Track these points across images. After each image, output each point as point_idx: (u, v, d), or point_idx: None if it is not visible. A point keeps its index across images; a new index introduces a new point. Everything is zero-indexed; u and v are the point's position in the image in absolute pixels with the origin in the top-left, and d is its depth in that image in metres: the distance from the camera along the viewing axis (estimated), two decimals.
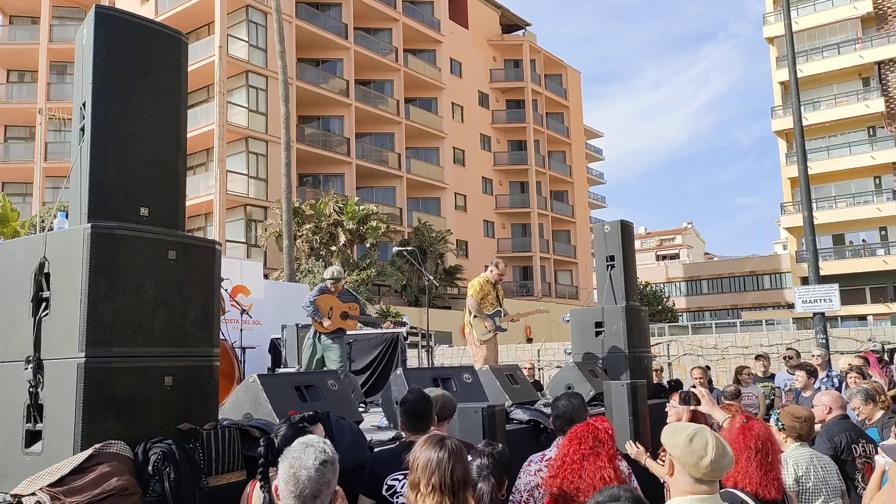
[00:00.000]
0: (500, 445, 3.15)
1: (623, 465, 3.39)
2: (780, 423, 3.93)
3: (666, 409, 4.99)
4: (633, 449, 4.32)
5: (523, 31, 48.30)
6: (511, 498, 3.43)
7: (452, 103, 40.77)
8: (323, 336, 7.58)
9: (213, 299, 3.58)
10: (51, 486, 2.70)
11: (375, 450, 3.84)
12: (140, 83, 3.48)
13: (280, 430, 2.94)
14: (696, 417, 4.71)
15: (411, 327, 10.63)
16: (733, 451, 3.00)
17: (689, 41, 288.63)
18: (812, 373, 7.73)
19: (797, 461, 3.78)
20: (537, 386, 10.35)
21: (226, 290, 7.71)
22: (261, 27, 31.74)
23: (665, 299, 47.41)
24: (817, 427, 5.13)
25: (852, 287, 35.67)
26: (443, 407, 3.83)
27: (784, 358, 9.39)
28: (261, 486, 2.82)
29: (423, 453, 2.51)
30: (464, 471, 2.49)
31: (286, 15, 29.38)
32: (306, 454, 2.22)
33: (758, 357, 9.78)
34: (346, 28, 35.30)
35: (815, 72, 37.88)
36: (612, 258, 8.07)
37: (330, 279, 7.76)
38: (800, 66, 35.60)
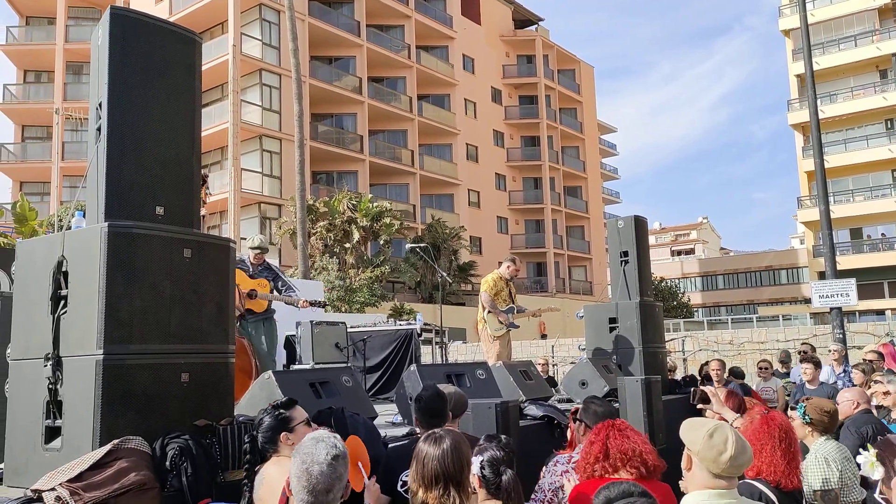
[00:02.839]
0: (505, 437, 3.17)
1: None
2: (807, 417, 3.90)
3: (705, 414, 4.93)
4: None
5: (536, 26, 48.12)
6: (533, 496, 3.42)
7: (465, 100, 40.72)
8: (244, 320, 6.75)
9: (228, 297, 3.61)
10: (70, 481, 2.74)
11: (389, 445, 3.87)
12: (155, 83, 3.51)
13: (261, 424, 2.95)
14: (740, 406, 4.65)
15: (425, 324, 10.65)
16: (757, 441, 3.00)
17: (703, 35, 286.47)
18: (817, 365, 7.71)
19: (834, 457, 3.76)
20: (551, 382, 10.33)
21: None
22: (274, 25, 31.86)
23: (680, 295, 47.15)
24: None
25: (870, 281, 35.30)
26: (455, 404, 3.86)
27: (799, 353, 9.35)
28: (244, 485, 2.84)
29: (417, 448, 2.60)
30: (440, 465, 2.52)
31: (299, 13, 29.46)
32: (318, 449, 2.24)
33: (783, 355, 9.84)
34: (359, 25, 35.34)
35: (831, 64, 37.50)
36: (625, 254, 8.04)
37: (255, 248, 6.84)
38: (816, 59, 35.20)
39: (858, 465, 3.64)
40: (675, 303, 44.00)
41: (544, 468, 3.57)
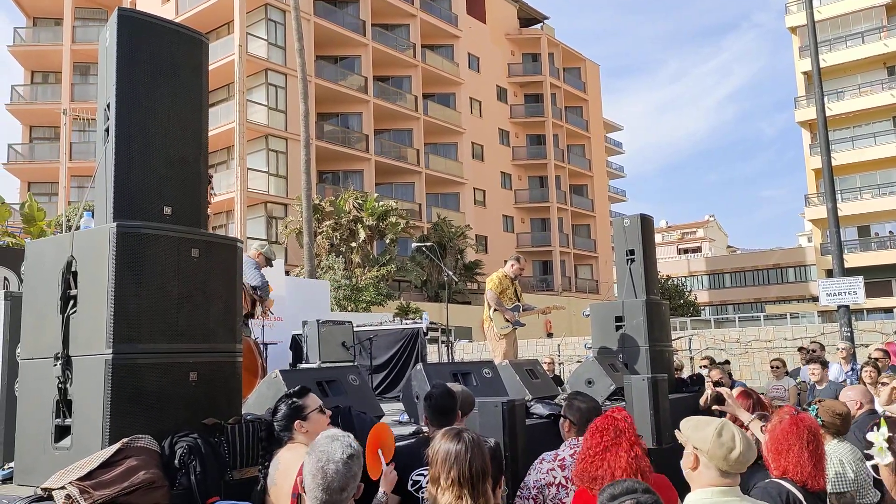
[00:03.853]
0: (493, 440, 3.18)
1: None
2: (819, 419, 3.88)
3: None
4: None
5: (541, 24, 48.06)
6: (519, 493, 3.44)
7: (471, 98, 40.72)
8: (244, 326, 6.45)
9: (235, 296, 3.63)
10: (80, 479, 2.76)
11: (397, 444, 3.88)
12: (162, 84, 3.53)
13: (277, 412, 3.05)
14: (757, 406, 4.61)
15: (431, 323, 10.66)
16: (785, 440, 3.00)
17: (710, 32, 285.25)
18: (824, 365, 7.70)
19: (849, 459, 3.75)
20: (557, 381, 10.33)
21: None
22: (279, 25, 31.91)
23: (687, 293, 47.02)
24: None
25: (878, 279, 35.13)
26: (463, 402, 3.87)
27: (808, 352, 9.32)
28: (260, 471, 2.90)
29: (441, 447, 2.55)
30: (482, 462, 2.52)
31: (304, 13, 29.51)
32: (333, 448, 2.25)
33: (800, 349, 9.76)
34: (364, 25, 35.37)
35: (838, 61, 37.33)
36: (631, 252, 8.04)
37: (267, 255, 6.78)
38: (823, 56, 35.06)
39: (869, 448, 3.64)
40: (681, 301, 43.86)
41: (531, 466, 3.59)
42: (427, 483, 2.68)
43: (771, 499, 2.78)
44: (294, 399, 3.08)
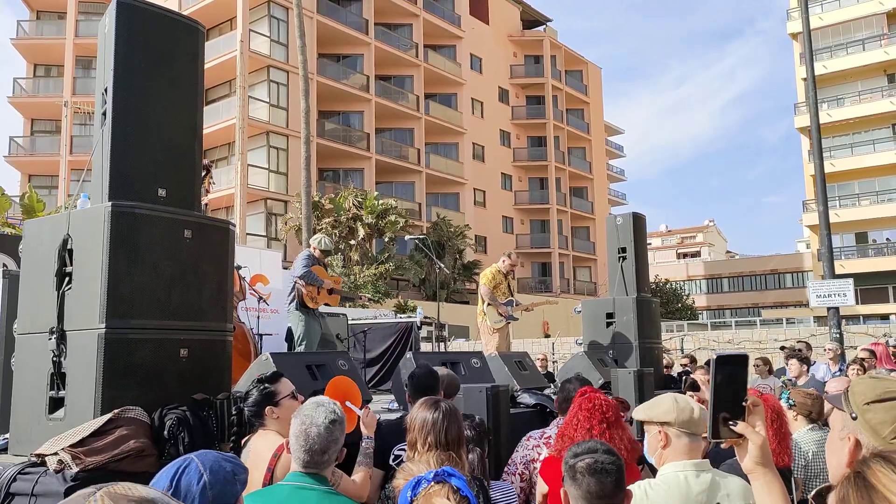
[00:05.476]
0: (478, 417, 3.28)
1: None
2: (791, 401, 3.95)
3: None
4: None
5: (544, 26, 48.17)
6: (506, 469, 3.56)
7: (472, 99, 40.81)
8: (305, 312, 7.00)
9: (227, 277, 3.74)
10: (72, 446, 2.87)
11: (379, 421, 3.98)
12: (159, 70, 3.64)
13: (248, 398, 3.06)
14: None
15: (425, 317, 10.75)
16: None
17: (715, 37, 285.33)
18: (804, 360, 7.83)
19: (809, 446, 3.82)
20: (550, 377, 10.42)
21: (244, 279, 7.85)
22: (282, 22, 32.02)
23: (685, 297, 47.08)
24: (829, 408, 5.18)
25: (875, 286, 35.24)
26: (448, 386, 3.98)
27: (791, 350, 9.42)
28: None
29: (419, 415, 2.67)
30: (458, 430, 2.64)
31: (307, 10, 29.61)
32: (317, 413, 2.37)
33: (783, 348, 9.87)
34: (367, 23, 35.48)
35: (839, 68, 37.40)
36: (623, 250, 8.15)
37: (322, 248, 7.11)
38: (824, 63, 35.16)
39: None
40: (679, 305, 43.93)
41: (519, 443, 3.71)
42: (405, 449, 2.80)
43: (737, 473, 2.89)
44: (266, 385, 3.05)
